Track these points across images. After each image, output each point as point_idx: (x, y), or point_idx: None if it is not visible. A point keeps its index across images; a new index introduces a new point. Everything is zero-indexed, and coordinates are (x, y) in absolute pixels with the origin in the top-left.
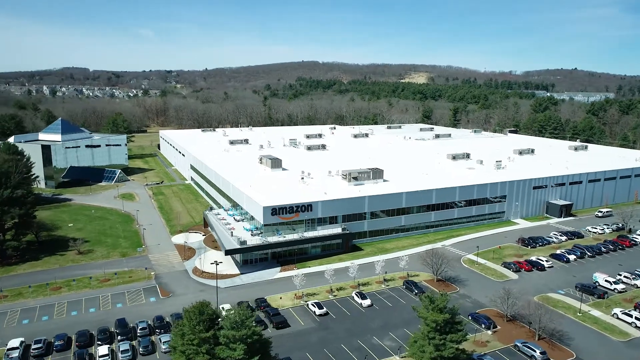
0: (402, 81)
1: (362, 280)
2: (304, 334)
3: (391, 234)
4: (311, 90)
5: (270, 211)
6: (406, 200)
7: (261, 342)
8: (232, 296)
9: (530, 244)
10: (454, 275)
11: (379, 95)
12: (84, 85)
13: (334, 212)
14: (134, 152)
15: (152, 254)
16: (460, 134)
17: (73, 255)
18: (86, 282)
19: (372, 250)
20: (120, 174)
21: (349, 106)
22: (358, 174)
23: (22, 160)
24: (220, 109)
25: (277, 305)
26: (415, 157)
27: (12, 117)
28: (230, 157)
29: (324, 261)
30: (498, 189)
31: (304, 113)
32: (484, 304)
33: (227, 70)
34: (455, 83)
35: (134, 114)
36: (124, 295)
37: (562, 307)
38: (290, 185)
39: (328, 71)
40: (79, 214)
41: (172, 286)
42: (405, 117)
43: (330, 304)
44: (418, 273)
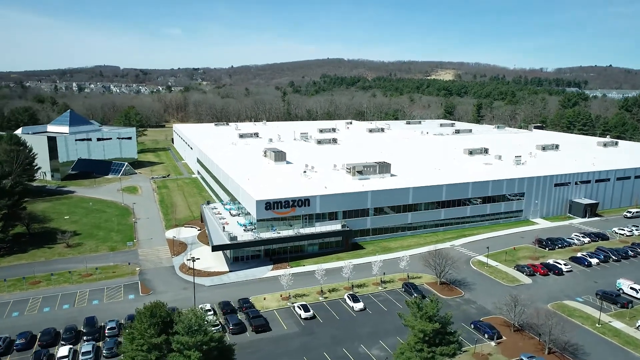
0: (428, 78)
1: (358, 281)
2: (285, 339)
3: (396, 232)
4: (334, 87)
5: (264, 205)
6: (413, 196)
7: (220, 349)
8: (216, 295)
9: (548, 246)
10: (460, 278)
11: (401, 91)
12: (112, 82)
13: (334, 208)
14: (148, 146)
15: (142, 248)
16: (482, 130)
17: (61, 248)
18: (67, 276)
19: (374, 250)
20: (127, 167)
21: (369, 102)
22: (363, 167)
23: (23, 151)
24: (239, 104)
25: (261, 306)
26: (430, 152)
27: (26, 110)
28: (236, 151)
29: (321, 260)
30: (515, 185)
31: (324, 109)
32: (489, 311)
33: (252, 68)
34: (483, 80)
35: (153, 108)
36: (102, 292)
37: (579, 316)
38: (291, 179)
39: (353, 68)
40: (77, 207)
41: (154, 283)
42: (427, 113)
43: (319, 306)
44: (420, 275)
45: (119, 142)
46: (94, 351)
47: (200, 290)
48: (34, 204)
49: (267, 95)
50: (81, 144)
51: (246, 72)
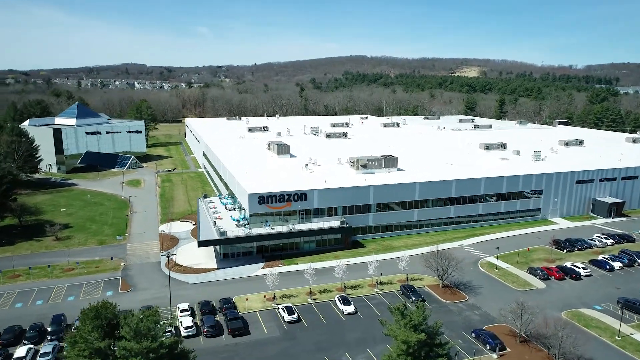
0: (452, 75)
1: (353, 282)
2: (263, 344)
3: (401, 230)
4: (356, 83)
5: (257, 199)
6: (420, 191)
7: (173, 357)
8: (199, 294)
9: (567, 247)
10: (466, 280)
11: (423, 87)
12: (137, 79)
13: (333, 203)
14: (161, 141)
15: (132, 242)
16: (503, 126)
17: (50, 241)
18: (48, 271)
19: (375, 248)
20: (133, 160)
21: (389, 98)
22: (367, 161)
23: (25, 142)
24: (256, 99)
25: (243, 307)
26: (444, 147)
27: (38, 103)
28: (241, 144)
29: (317, 258)
30: (533, 181)
31: (342, 105)
32: (494, 318)
33: (274, 65)
34: (509, 77)
35: (170, 104)
36: (81, 288)
37: (596, 327)
38: (292, 172)
39: (376, 65)
40: (77, 199)
41: (137, 279)
42: (447, 109)
43: (306, 308)
44: (422, 276)
45: (128, 136)
46: (54, 352)
47: (183, 288)
48: (33, 196)
49: (285, 91)
50: (89, 136)
51: (268, 70)
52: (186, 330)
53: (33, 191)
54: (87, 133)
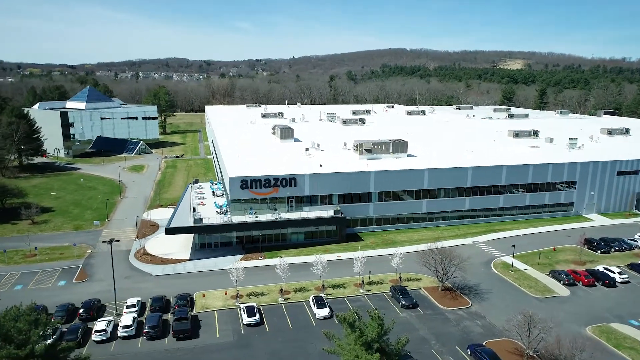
0: (494, 67)
1: (337, 280)
2: (209, 350)
3: (407, 223)
4: (392, 76)
5: (239, 183)
6: (429, 179)
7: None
8: (159, 287)
9: (601, 247)
10: (473, 283)
11: (461, 79)
12: (177, 72)
13: (328, 190)
14: (181, 128)
15: (109, 228)
16: (541, 115)
17: (25, 225)
18: (8, 255)
19: (374, 242)
20: (142, 146)
21: (422, 88)
22: (372, 145)
23: (25, 124)
24: (284, 89)
25: (201, 305)
26: (469, 134)
27: (57, 88)
28: (249, 129)
29: (304, 252)
30: (564, 171)
31: (373, 95)
32: (500, 332)
33: (312, 58)
34: (556, 69)
35: (198, 93)
36: (34, 275)
37: (630, 347)
38: (290, 156)
39: (415, 58)
40: (72, 183)
41: (97, 268)
42: (483, 99)
43: (274, 309)
44: (420, 276)
45: (144, 122)
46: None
47: (143, 280)
48: (30, 179)
49: (316, 82)
50: (98, 121)
51: (306, 63)
52: (123, 330)
53: (32, 174)
54: (102, 118)
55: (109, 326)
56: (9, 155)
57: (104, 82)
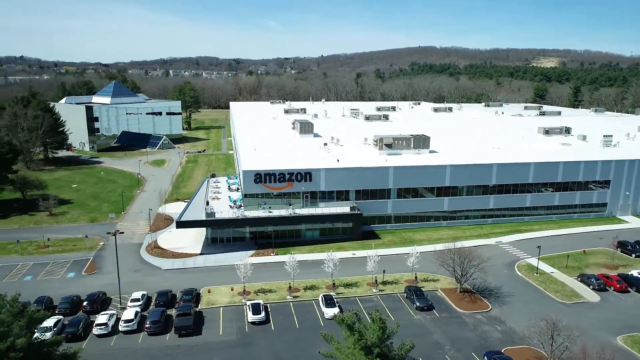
0: (526, 65)
1: (350, 279)
2: (210, 349)
3: (427, 221)
4: (421, 74)
5: (252, 177)
6: (451, 176)
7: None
8: (167, 282)
9: (635, 251)
10: (494, 285)
11: (491, 76)
12: (206, 70)
13: (344, 186)
14: (206, 124)
15: (124, 221)
16: (575, 113)
17: (43, 216)
18: (23, 246)
19: (391, 241)
20: (165, 141)
21: (451, 86)
22: (393, 140)
23: (49, 117)
24: (310, 86)
25: (207, 301)
26: (496, 131)
27: (86, 84)
28: (270, 124)
29: (318, 248)
30: (598, 170)
31: (401, 93)
32: (520, 339)
33: (341, 57)
34: (592, 67)
35: (224, 90)
36: (44, 266)
37: None
38: (308, 151)
39: (445, 56)
40: (92, 176)
41: (107, 261)
42: (514, 97)
43: (282, 308)
44: (438, 277)
45: (168, 117)
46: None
47: (152, 274)
48: (54, 172)
49: (342, 79)
50: (123, 116)
51: (334, 61)
52: (125, 324)
53: (56, 167)
54: (128, 113)
55: (110, 320)
56: (34, 148)
57: (133, 79)
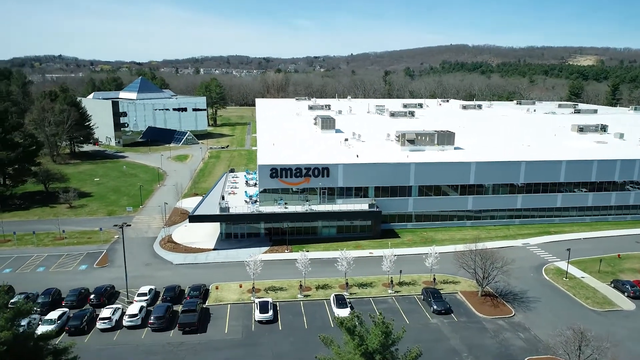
0: (562, 63)
1: (365, 278)
2: (213, 347)
3: (450, 220)
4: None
5: (268, 171)
6: (476, 173)
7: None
8: (178, 277)
9: None
10: (519, 289)
11: (524, 74)
12: (236, 68)
13: (363, 182)
14: (232, 121)
15: (141, 215)
16: (612, 111)
17: (63, 208)
18: (40, 237)
19: (411, 240)
20: (189, 136)
21: (482, 84)
22: (416, 136)
23: (75, 112)
24: (338, 84)
25: (215, 298)
26: (527, 129)
27: (114, 80)
28: (293, 120)
29: (334, 246)
30: (636, 169)
31: (430, 91)
32: (545, 348)
33: (371, 55)
34: (632, 65)
35: (252, 87)
36: (58, 258)
37: None
38: (328, 146)
39: (477, 54)
40: (115, 170)
41: (120, 254)
42: (548, 95)
43: (292, 307)
44: (458, 279)
45: (194, 114)
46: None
47: (163, 269)
48: (78, 165)
49: (371, 76)
50: (150, 111)
51: (364, 60)
52: (129, 319)
53: (82, 161)
54: (155, 109)
55: (115, 314)
56: (61, 142)
57: (162, 77)
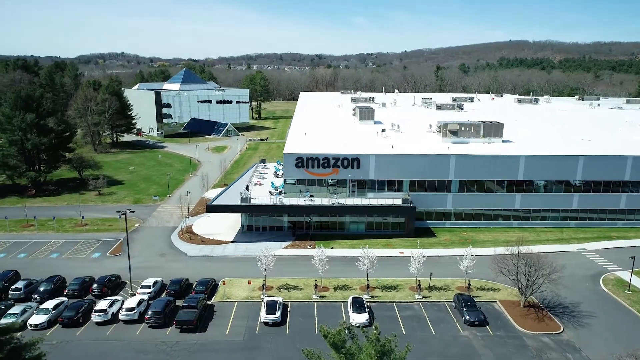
0: (632, 59)
1: (390, 280)
2: (208, 349)
3: (495, 220)
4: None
5: (293, 161)
6: (526, 168)
7: None
8: (189, 269)
9: None
10: (570, 301)
11: (589, 70)
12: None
13: (396, 175)
14: (277, 114)
15: (166, 204)
16: None
17: (92, 195)
18: (60, 223)
19: (448, 240)
20: (229, 128)
21: (541, 79)
22: (459, 126)
23: (115, 101)
24: (387, 78)
25: (223, 294)
26: (589, 123)
27: (162, 72)
28: (332, 112)
29: (361, 243)
30: None
31: (484, 86)
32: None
33: (425, 52)
34: None
35: (301, 82)
36: (74, 245)
37: None
38: (363, 136)
39: (538, 51)
40: (151, 160)
41: (137, 243)
42: (615, 90)
43: (303, 308)
44: (498, 286)
45: (238, 106)
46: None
47: (176, 260)
48: (117, 154)
49: (422, 71)
50: (195, 103)
51: (418, 56)
52: (125, 313)
53: (121, 150)
54: (199, 101)
55: (112, 307)
56: (103, 131)
57: (210, 71)
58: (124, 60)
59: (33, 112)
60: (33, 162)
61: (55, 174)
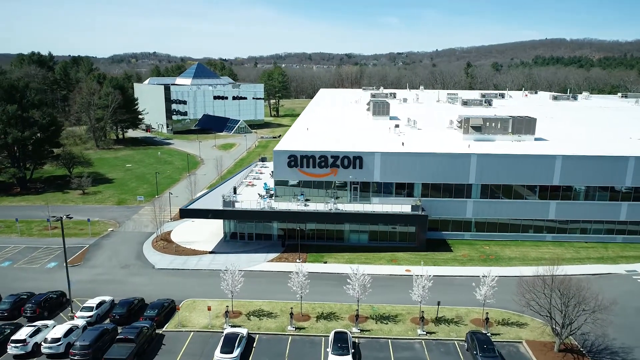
0: None
1: (389, 308)
2: None
3: (523, 232)
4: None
5: (285, 159)
6: (563, 171)
7: None
8: (150, 285)
9: None
10: (620, 344)
11: (632, 67)
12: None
13: (406, 177)
14: (296, 112)
15: (152, 206)
16: None
17: (75, 194)
18: (29, 226)
19: (466, 256)
20: (241, 124)
21: (579, 77)
22: (483, 121)
23: (118, 94)
24: (414, 75)
25: (179, 321)
26: (634, 121)
27: (179, 67)
28: (347, 107)
29: (361, 257)
30: None
31: (517, 84)
32: None
33: (457, 51)
34: None
35: (324, 80)
36: (33, 251)
37: None
38: (374, 132)
39: (576, 49)
40: (152, 157)
41: (101, 252)
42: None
43: (274, 343)
44: (524, 319)
45: (254, 102)
46: None
47: (140, 274)
48: (119, 151)
49: (452, 68)
50: (209, 99)
51: (449, 55)
52: (48, 345)
53: (124, 147)
54: (215, 97)
55: (34, 336)
56: (106, 127)
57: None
58: (155, 59)
59: (15, 103)
60: (17, 158)
61: (45, 171)
